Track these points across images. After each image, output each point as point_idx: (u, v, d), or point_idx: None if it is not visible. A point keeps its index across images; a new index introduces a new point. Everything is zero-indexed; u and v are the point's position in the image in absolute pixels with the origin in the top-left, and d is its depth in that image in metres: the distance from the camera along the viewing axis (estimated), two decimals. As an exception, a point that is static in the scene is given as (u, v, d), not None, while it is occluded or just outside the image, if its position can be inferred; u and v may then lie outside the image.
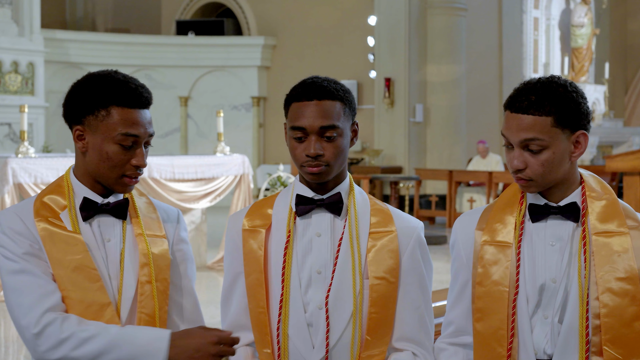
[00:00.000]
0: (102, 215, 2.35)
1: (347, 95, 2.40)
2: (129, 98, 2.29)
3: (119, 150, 2.30)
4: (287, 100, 2.41)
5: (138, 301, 2.32)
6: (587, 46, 18.99)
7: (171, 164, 8.98)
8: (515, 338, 2.27)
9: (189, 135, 18.44)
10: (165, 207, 2.50)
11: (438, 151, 15.96)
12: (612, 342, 2.20)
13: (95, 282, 2.28)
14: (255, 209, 2.49)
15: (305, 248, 2.40)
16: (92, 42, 17.67)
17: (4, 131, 15.09)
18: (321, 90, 2.36)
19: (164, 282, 2.36)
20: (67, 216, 2.33)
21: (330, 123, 2.34)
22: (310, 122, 2.33)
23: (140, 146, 2.32)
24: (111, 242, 2.35)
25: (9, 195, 7.61)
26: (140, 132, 2.30)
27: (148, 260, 2.34)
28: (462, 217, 2.46)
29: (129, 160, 2.31)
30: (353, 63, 17.31)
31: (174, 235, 2.45)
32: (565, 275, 2.27)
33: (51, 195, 2.37)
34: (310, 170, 2.35)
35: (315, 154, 2.33)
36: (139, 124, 2.30)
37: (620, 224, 2.28)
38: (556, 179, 2.27)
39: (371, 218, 2.44)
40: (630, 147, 18.22)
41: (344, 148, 2.38)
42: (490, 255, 2.32)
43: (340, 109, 2.37)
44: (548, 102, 2.21)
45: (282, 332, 2.38)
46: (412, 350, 2.41)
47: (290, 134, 2.37)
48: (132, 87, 2.31)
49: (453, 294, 2.43)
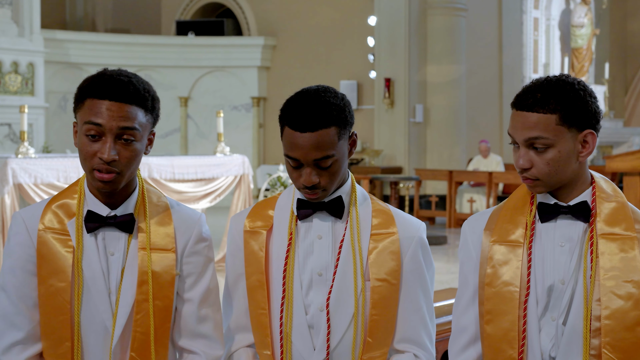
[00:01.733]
0: (108, 227, 2.31)
1: (342, 113, 2.31)
2: (99, 89, 2.23)
3: (86, 141, 2.24)
4: (281, 119, 2.33)
5: (134, 320, 2.29)
6: (587, 46, 18.99)
7: (171, 164, 8.97)
8: (525, 340, 2.23)
9: (189, 135, 18.44)
10: (186, 217, 2.41)
11: (438, 151, 15.96)
12: (612, 346, 2.17)
13: (61, 315, 2.28)
14: (257, 210, 2.48)
15: (307, 250, 2.39)
16: (92, 42, 17.66)
17: (4, 131, 15.09)
18: (314, 121, 2.26)
19: (165, 300, 2.32)
20: (74, 226, 2.31)
21: (325, 154, 2.28)
22: (304, 155, 2.28)
23: (107, 138, 2.22)
24: (115, 255, 2.32)
25: (9, 196, 7.60)
26: (104, 122, 2.21)
27: (147, 278, 2.29)
28: (471, 219, 2.42)
29: (95, 153, 2.23)
30: (353, 63, 17.30)
31: (187, 247, 2.38)
32: (574, 277, 2.24)
33: (65, 200, 2.35)
34: (307, 197, 2.34)
35: (311, 184, 2.30)
36: (103, 113, 2.22)
37: (628, 227, 2.24)
38: (564, 179, 2.24)
39: (372, 219, 2.42)
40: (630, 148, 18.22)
41: (341, 167, 2.33)
42: (501, 255, 2.29)
43: (335, 134, 2.29)
44: (553, 99, 2.18)
45: (284, 334, 2.37)
46: (413, 352, 2.40)
47: (286, 159, 2.34)
48: (105, 79, 2.25)
49: (465, 298, 2.37)
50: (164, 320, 2.32)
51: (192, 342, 2.38)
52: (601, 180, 2.32)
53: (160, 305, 2.31)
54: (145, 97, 2.27)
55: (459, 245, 2.43)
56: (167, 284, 2.32)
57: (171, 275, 2.33)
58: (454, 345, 2.39)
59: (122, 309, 2.29)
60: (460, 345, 2.37)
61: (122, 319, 2.29)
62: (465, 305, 2.37)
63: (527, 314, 2.24)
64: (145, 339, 2.29)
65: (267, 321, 2.38)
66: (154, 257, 2.32)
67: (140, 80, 2.29)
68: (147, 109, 2.28)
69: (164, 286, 2.31)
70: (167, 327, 2.34)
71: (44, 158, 8.12)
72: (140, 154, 2.28)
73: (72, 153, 10.97)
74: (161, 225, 2.36)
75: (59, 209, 2.34)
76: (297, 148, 2.28)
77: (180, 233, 2.38)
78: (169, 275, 2.33)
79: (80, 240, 2.30)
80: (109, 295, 2.30)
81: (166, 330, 2.33)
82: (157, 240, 2.34)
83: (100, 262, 2.30)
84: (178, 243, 2.37)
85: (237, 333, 2.46)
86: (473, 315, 2.34)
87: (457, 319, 2.40)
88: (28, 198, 7.72)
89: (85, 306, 2.29)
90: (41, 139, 15.20)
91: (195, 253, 2.40)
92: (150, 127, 2.32)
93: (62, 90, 16.95)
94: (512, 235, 2.29)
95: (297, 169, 2.32)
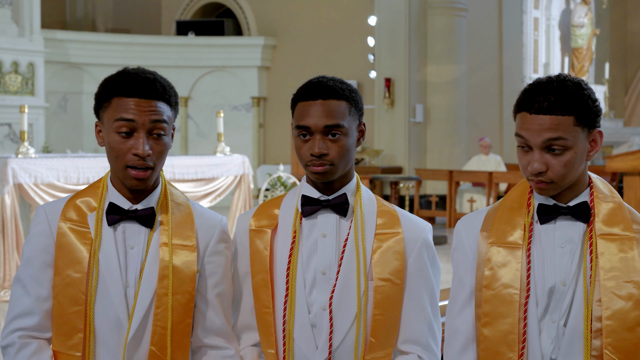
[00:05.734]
0: (129, 221, 2.34)
1: (354, 95, 2.39)
2: (126, 87, 2.29)
3: (118, 139, 2.29)
4: (294, 99, 2.40)
5: (154, 314, 2.31)
6: (587, 46, 18.98)
7: (171, 164, 8.97)
8: (525, 343, 2.21)
9: (189, 135, 18.44)
10: (208, 217, 2.46)
11: (438, 151, 15.95)
12: (613, 346, 2.16)
13: (75, 306, 2.30)
14: (263, 209, 2.49)
15: (311, 249, 2.39)
16: (92, 42, 17.65)
17: (4, 131, 15.08)
18: (326, 90, 2.35)
19: (186, 295, 2.34)
20: (94, 219, 2.34)
21: (335, 122, 2.33)
22: (314, 121, 2.33)
23: (140, 133, 2.28)
24: (134, 249, 2.34)
25: (9, 196, 7.60)
26: (135, 117, 2.27)
27: (168, 272, 2.32)
28: (465, 219, 2.40)
29: (129, 150, 2.28)
30: (353, 63, 17.30)
31: (209, 246, 2.41)
32: (575, 278, 2.23)
33: (86, 197, 2.39)
34: (314, 169, 2.34)
35: (319, 152, 2.32)
36: (133, 109, 2.27)
37: (626, 228, 2.24)
38: (573, 180, 2.23)
39: (377, 219, 2.42)
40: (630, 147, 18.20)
41: (349, 148, 2.36)
42: (499, 257, 2.27)
43: (345, 108, 2.36)
44: (568, 101, 2.17)
45: (287, 332, 2.37)
46: (417, 354, 2.40)
47: (296, 133, 2.37)
48: (131, 77, 2.30)
49: (460, 299, 2.34)
50: (185, 315, 2.34)
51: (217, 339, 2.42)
52: (598, 181, 2.32)
53: (180, 300, 2.33)
54: (170, 93, 2.34)
55: (453, 245, 2.39)
56: (188, 280, 2.34)
57: (192, 271, 2.35)
58: (450, 348, 2.36)
59: (141, 303, 2.31)
60: (456, 348, 2.34)
61: (140, 312, 2.30)
62: (461, 307, 2.34)
63: (527, 316, 2.22)
64: (165, 333, 2.31)
65: (271, 320, 2.38)
66: (176, 252, 2.34)
67: (162, 78, 2.36)
68: (172, 105, 2.35)
69: (184, 281, 2.34)
70: (188, 323, 2.36)
71: (44, 158, 8.12)
72: (168, 148, 2.35)
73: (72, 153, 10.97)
74: (184, 222, 2.39)
75: (82, 203, 2.38)
76: (309, 115, 2.33)
77: (202, 232, 2.41)
78: (190, 271, 2.35)
79: (99, 233, 2.33)
80: (126, 288, 2.32)
81: (187, 325, 2.35)
82: (179, 236, 2.36)
83: (119, 255, 2.33)
84: (200, 242, 2.40)
85: (243, 332, 2.47)
86: (469, 317, 2.31)
87: (451, 320, 2.37)
88: (28, 198, 7.72)
89: (100, 298, 2.31)
90: (41, 139, 15.20)
91: (217, 253, 2.43)
92: (173, 122, 2.38)
93: (62, 90, 16.95)
94: (511, 237, 2.28)
95: (306, 141, 2.35)
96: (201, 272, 2.39)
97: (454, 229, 2.42)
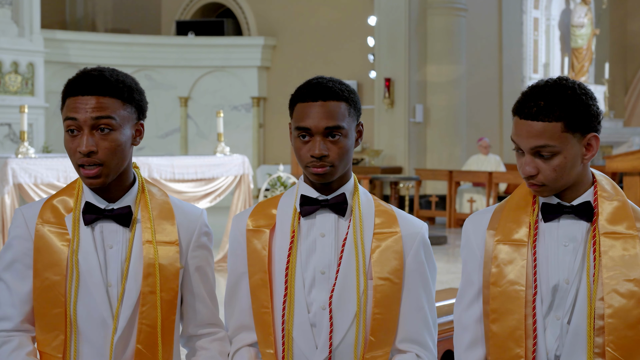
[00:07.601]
0: (106, 221, 2.33)
1: (352, 95, 2.40)
2: (73, 86, 2.29)
3: (67, 138, 2.29)
4: (292, 100, 2.40)
5: (140, 312, 2.31)
6: (587, 46, 18.99)
7: (171, 164, 8.97)
8: (532, 339, 2.25)
9: (189, 135, 18.44)
10: (188, 211, 2.45)
11: (438, 151, 15.95)
12: (615, 344, 2.18)
13: (56, 308, 2.30)
14: (260, 209, 2.49)
15: (309, 248, 2.40)
16: (92, 42, 17.66)
17: (4, 131, 15.08)
18: (326, 91, 2.35)
19: (171, 292, 2.34)
20: (71, 220, 2.33)
21: (335, 124, 2.33)
22: (315, 122, 2.33)
23: (83, 130, 2.26)
24: (113, 248, 2.33)
25: (9, 196, 7.60)
26: (77, 114, 2.25)
27: (153, 270, 2.31)
28: (472, 217, 2.43)
29: (76, 148, 2.27)
30: (353, 63, 17.30)
31: (192, 241, 2.42)
32: (578, 276, 2.25)
33: (63, 196, 2.38)
34: (314, 170, 2.34)
35: (320, 154, 2.32)
36: (78, 107, 2.26)
37: (629, 226, 2.26)
38: (569, 182, 2.25)
39: (375, 219, 2.43)
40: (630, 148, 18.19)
41: (349, 148, 2.37)
42: (505, 254, 2.30)
43: (345, 109, 2.36)
44: (557, 107, 2.18)
45: (286, 332, 2.37)
46: (415, 352, 2.41)
47: (295, 134, 2.37)
48: (78, 76, 2.30)
49: (468, 296, 2.38)
50: (169, 312, 2.34)
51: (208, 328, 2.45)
52: (602, 179, 2.33)
53: (166, 297, 2.33)
54: (119, 87, 2.28)
55: (461, 243, 2.43)
56: (172, 276, 2.34)
57: (176, 267, 2.35)
58: (460, 343, 2.39)
59: (127, 302, 2.30)
60: (465, 343, 2.37)
61: (127, 311, 2.30)
62: (469, 303, 2.37)
63: (536, 313, 2.25)
64: (151, 331, 2.31)
65: (270, 320, 2.38)
66: (159, 249, 2.34)
67: (115, 73, 2.31)
68: (125, 99, 2.29)
69: (169, 278, 2.34)
70: (173, 320, 2.36)
71: (44, 158, 8.12)
72: (123, 144, 2.29)
73: (72, 153, 10.96)
74: (164, 219, 2.38)
75: (58, 204, 2.36)
76: (309, 116, 2.33)
77: (184, 228, 2.40)
78: (173, 268, 2.35)
79: (77, 234, 2.31)
80: (107, 288, 2.31)
81: (172, 322, 2.35)
82: (161, 233, 2.36)
83: (98, 255, 2.32)
84: (182, 237, 2.39)
85: (239, 332, 2.47)
86: (477, 313, 2.35)
87: (459, 316, 2.40)
88: (28, 198, 7.72)
89: (82, 299, 2.30)
90: (41, 139, 15.20)
91: (201, 247, 2.44)
92: (134, 118, 2.33)
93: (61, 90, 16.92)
94: (516, 235, 2.30)
95: (306, 142, 2.35)
96: (186, 267, 2.40)
97: (462, 227, 2.45)
